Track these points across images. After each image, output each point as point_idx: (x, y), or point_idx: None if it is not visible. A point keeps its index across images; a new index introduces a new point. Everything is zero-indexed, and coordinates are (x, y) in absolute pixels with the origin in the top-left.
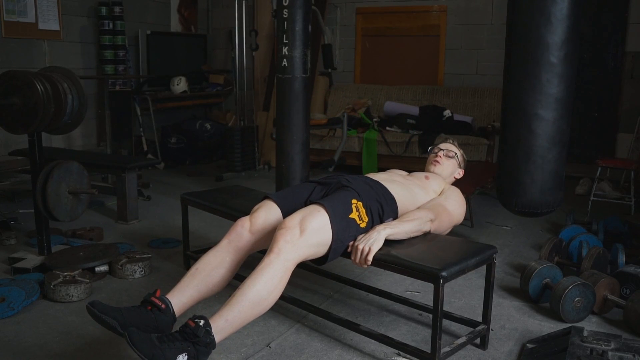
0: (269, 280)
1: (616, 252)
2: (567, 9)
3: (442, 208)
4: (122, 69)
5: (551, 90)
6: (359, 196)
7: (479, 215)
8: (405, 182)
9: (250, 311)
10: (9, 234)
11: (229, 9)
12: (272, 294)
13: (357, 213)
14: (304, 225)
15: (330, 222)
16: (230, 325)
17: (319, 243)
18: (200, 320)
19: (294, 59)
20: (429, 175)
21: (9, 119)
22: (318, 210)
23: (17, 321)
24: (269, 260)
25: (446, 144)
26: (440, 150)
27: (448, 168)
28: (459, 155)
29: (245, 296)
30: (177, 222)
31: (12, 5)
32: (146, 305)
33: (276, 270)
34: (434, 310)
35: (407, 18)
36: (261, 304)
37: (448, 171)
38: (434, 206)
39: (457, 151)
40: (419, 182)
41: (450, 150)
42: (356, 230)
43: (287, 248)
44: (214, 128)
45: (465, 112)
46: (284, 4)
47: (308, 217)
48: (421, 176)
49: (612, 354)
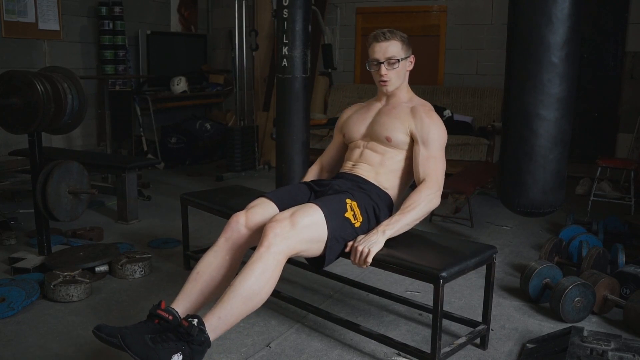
0: (260, 274)
1: (616, 252)
2: (568, 9)
3: (432, 163)
4: (122, 69)
5: (552, 90)
6: (353, 196)
7: (479, 215)
8: (374, 154)
9: (243, 307)
10: (9, 234)
11: (229, 9)
12: (264, 288)
13: (351, 212)
14: (295, 219)
15: (325, 220)
16: (223, 322)
17: (312, 239)
18: (194, 319)
19: (294, 59)
20: (387, 128)
21: (9, 119)
22: (310, 207)
23: (17, 321)
24: (259, 254)
25: (380, 44)
26: (380, 64)
27: (399, 75)
28: (401, 49)
29: (237, 292)
30: (177, 222)
31: (12, 5)
32: (153, 319)
33: (267, 264)
34: (434, 310)
35: (407, 18)
36: (253, 299)
37: (400, 79)
38: (427, 168)
39: (395, 50)
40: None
41: (390, 58)
42: (352, 229)
43: (276, 241)
44: (214, 128)
45: (465, 112)
46: (284, 4)
47: (299, 212)
48: (382, 137)
49: (612, 354)
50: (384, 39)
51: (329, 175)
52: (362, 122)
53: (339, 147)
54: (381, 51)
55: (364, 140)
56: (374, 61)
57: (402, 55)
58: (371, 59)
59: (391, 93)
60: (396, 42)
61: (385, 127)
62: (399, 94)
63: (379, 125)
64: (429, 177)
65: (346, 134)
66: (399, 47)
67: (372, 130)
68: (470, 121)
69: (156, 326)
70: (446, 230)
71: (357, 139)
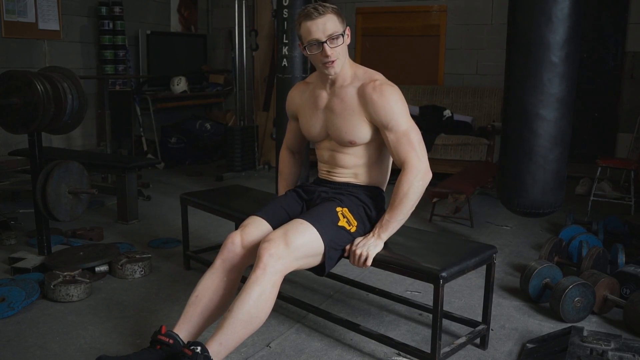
0: (258, 297)
1: (616, 252)
2: (568, 9)
3: (404, 141)
4: (122, 69)
5: (552, 90)
6: (342, 202)
7: (479, 215)
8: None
9: (244, 330)
10: (9, 234)
11: (229, 9)
12: (263, 310)
13: (345, 219)
14: (288, 239)
15: (320, 235)
16: (225, 348)
17: (308, 254)
18: (197, 347)
19: (294, 59)
20: (346, 132)
21: (9, 119)
22: (301, 224)
23: (17, 321)
24: (255, 276)
25: (315, 21)
26: (322, 44)
27: (344, 51)
28: (339, 23)
29: (237, 317)
30: (177, 222)
31: (12, 5)
32: (155, 345)
33: (264, 286)
34: (434, 310)
35: (407, 18)
36: (253, 322)
37: (343, 57)
38: (401, 151)
39: (334, 25)
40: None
41: (332, 34)
42: (348, 235)
43: (271, 262)
44: (214, 128)
45: (465, 112)
46: (284, 4)
47: (291, 231)
48: (344, 141)
49: (612, 354)
50: (318, 15)
51: (300, 156)
52: (315, 119)
53: (297, 131)
54: (319, 29)
55: (327, 142)
56: (314, 42)
57: (342, 29)
58: (309, 41)
59: (334, 79)
60: (332, 15)
61: (344, 130)
62: (343, 73)
63: (336, 130)
64: (407, 161)
65: (304, 133)
66: (336, 21)
67: (333, 134)
68: (470, 121)
69: (159, 352)
70: (446, 230)
71: (318, 140)
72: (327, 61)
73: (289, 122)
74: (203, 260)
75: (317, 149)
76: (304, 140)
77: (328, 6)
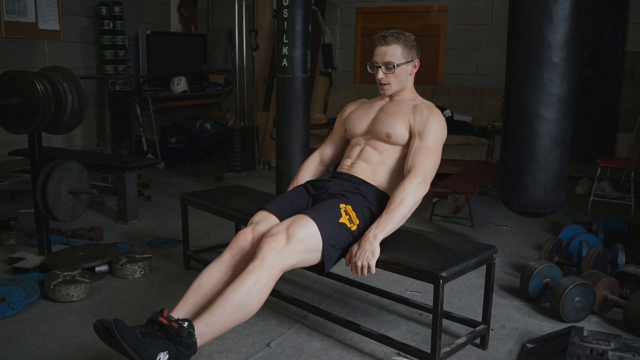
0: (252, 286)
1: (616, 252)
2: (568, 9)
3: (424, 154)
4: (122, 69)
5: (553, 90)
6: (347, 199)
7: (479, 215)
8: (373, 152)
9: (232, 317)
10: (9, 234)
11: (229, 9)
12: (255, 300)
13: (347, 217)
14: (290, 233)
15: (319, 230)
16: (211, 329)
17: (307, 250)
18: (185, 322)
19: (294, 59)
20: (388, 124)
21: (9, 119)
22: (303, 219)
23: (17, 321)
24: (252, 267)
25: (380, 48)
26: (378, 69)
27: (399, 79)
28: (401, 54)
29: (227, 301)
30: (177, 222)
31: (12, 5)
32: (153, 325)
33: (259, 277)
34: (434, 310)
35: (407, 18)
36: (243, 310)
37: (400, 83)
38: (415, 159)
39: (394, 55)
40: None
41: (388, 63)
42: (348, 234)
43: (271, 255)
44: (214, 128)
45: (465, 112)
46: (284, 4)
47: (293, 225)
48: (382, 133)
49: (612, 354)
50: (384, 43)
51: (325, 169)
52: (365, 117)
53: (339, 140)
54: (380, 55)
55: (365, 138)
56: (375, 63)
57: (402, 61)
58: (371, 61)
59: (392, 95)
60: (397, 46)
61: (386, 123)
62: (403, 94)
63: (380, 122)
64: (415, 168)
65: (348, 129)
66: (398, 52)
67: (373, 127)
68: (470, 121)
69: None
70: (446, 230)
71: (358, 135)
72: (380, 82)
73: (333, 131)
74: (203, 260)
75: (350, 146)
76: (339, 155)
77: (400, 37)
